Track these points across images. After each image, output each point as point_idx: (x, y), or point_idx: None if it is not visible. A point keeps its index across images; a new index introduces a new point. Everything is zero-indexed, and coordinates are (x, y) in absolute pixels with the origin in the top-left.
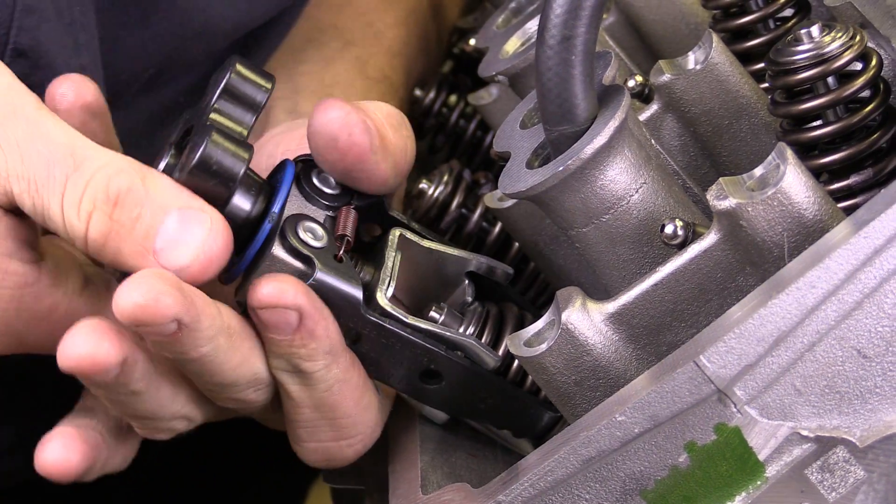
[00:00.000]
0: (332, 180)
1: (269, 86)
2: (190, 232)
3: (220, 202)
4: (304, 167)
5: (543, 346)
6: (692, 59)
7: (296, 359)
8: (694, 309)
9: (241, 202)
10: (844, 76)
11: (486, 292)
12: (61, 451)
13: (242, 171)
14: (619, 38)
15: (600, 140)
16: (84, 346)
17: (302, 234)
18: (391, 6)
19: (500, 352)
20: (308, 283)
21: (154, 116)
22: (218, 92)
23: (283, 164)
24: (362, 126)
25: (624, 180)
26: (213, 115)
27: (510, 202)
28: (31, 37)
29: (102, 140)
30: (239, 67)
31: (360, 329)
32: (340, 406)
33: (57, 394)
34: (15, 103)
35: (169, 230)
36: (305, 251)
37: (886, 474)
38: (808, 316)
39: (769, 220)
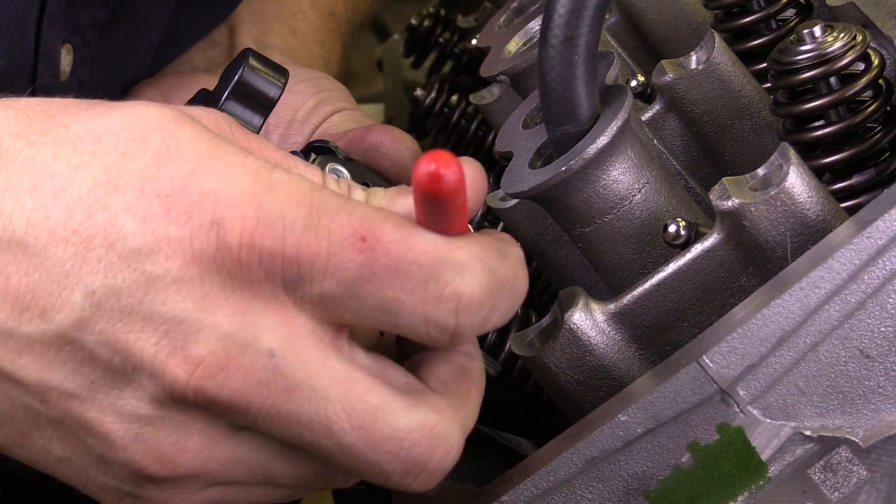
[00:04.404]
0: (344, 174)
1: (282, 80)
2: None
3: None
4: (317, 161)
5: (546, 346)
6: (694, 59)
7: None
8: (697, 309)
9: None
10: (847, 76)
11: None
12: None
13: None
14: (621, 38)
15: (603, 140)
16: None
17: None
18: None
19: (504, 351)
20: None
21: None
22: (231, 86)
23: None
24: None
25: (626, 180)
26: None
27: (512, 202)
28: None
29: None
30: (252, 62)
31: None
32: None
33: None
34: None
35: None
36: None
37: (889, 474)
38: (810, 316)
39: (772, 220)
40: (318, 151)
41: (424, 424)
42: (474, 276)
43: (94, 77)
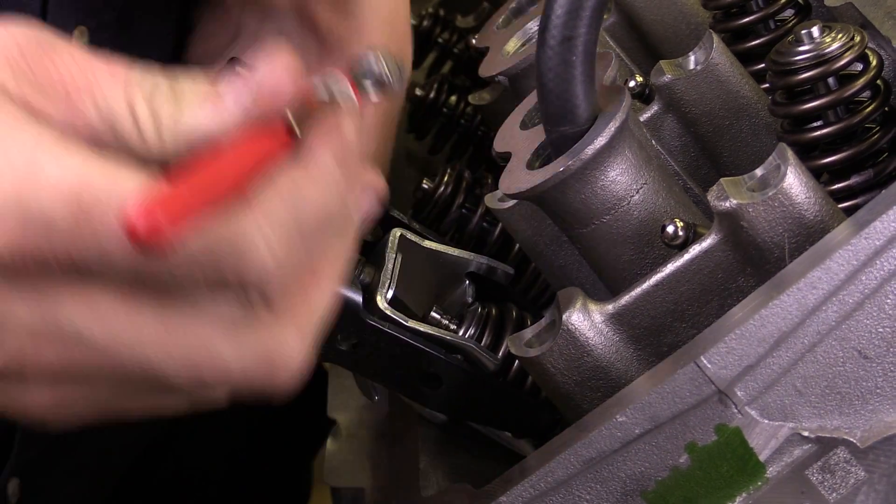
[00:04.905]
0: None
1: None
2: None
3: None
4: None
5: (544, 347)
6: (693, 60)
7: None
8: (695, 310)
9: None
10: (845, 77)
11: (486, 293)
12: None
13: None
14: (619, 38)
15: (601, 140)
16: None
17: None
18: None
19: (501, 353)
20: None
21: None
22: None
23: None
24: None
25: (625, 181)
26: None
27: (511, 202)
28: None
29: None
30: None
31: (359, 333)
32: None
33: None
34: None
35: None
36: None
37: (887, 475)
38: (808, 317)
39: (770, 220)
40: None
41: (256, 354)
42: (260, 253)
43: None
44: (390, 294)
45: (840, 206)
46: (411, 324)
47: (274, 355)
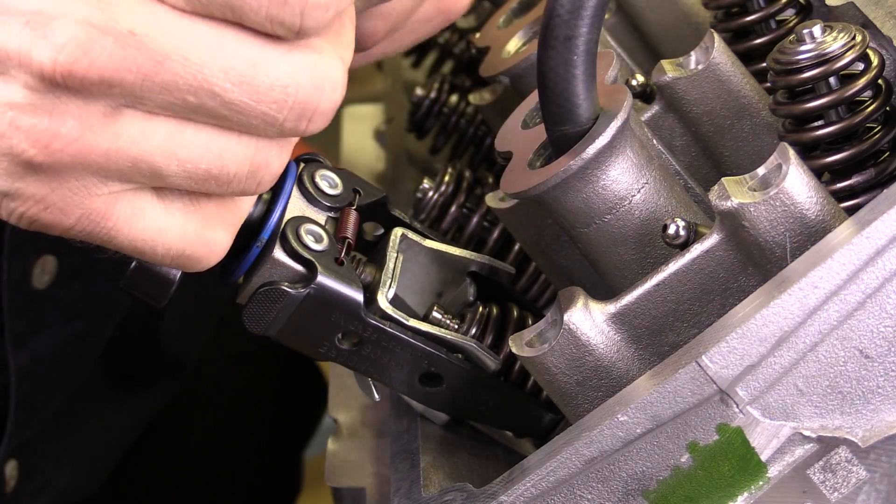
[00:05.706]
0: (335, 180)
1: None
2: None
3: None
4: (307, 168)
5: (545, 347)
6: (694, 59)
7: None
8: (696, 309)
9: None
10: (846, 76)
11: (487, 292)
12: None
13: None
14: (620, 37)
15: (602, 140)
16: None
17: (304, 238)
18: None
19: (502, 353)
20: (309, 287)
21: None
22: None
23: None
24: None
25: (626, 180)
26: None
27: (511, 202)
28: None
29: None
30: None
31: (360, 332)
32: None
33: None
34: None
35: None
36: (306, 255)
37: (889, 474)
38: (810, 316)
39: (771, 220)
40: (306, 161)
41: (304, 67)
42: None
43: None
44: (391, 293)
45: (841, 205)
46: (412, 323)
47: (322, 70)
